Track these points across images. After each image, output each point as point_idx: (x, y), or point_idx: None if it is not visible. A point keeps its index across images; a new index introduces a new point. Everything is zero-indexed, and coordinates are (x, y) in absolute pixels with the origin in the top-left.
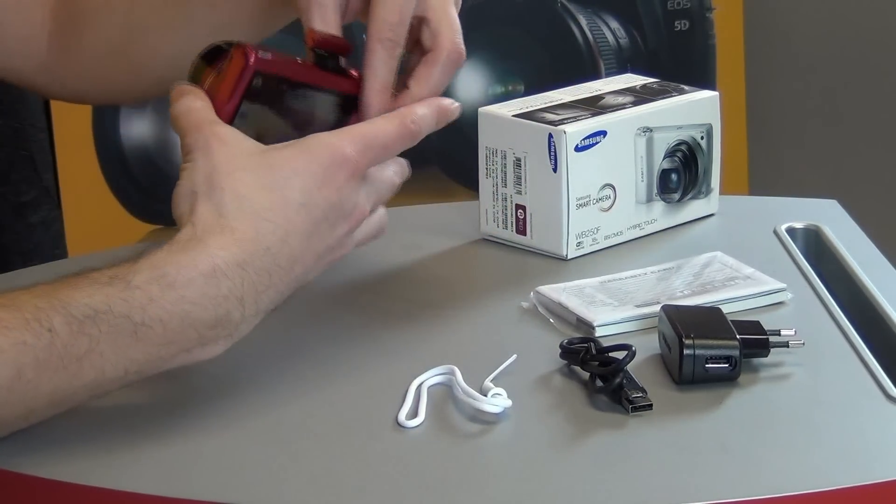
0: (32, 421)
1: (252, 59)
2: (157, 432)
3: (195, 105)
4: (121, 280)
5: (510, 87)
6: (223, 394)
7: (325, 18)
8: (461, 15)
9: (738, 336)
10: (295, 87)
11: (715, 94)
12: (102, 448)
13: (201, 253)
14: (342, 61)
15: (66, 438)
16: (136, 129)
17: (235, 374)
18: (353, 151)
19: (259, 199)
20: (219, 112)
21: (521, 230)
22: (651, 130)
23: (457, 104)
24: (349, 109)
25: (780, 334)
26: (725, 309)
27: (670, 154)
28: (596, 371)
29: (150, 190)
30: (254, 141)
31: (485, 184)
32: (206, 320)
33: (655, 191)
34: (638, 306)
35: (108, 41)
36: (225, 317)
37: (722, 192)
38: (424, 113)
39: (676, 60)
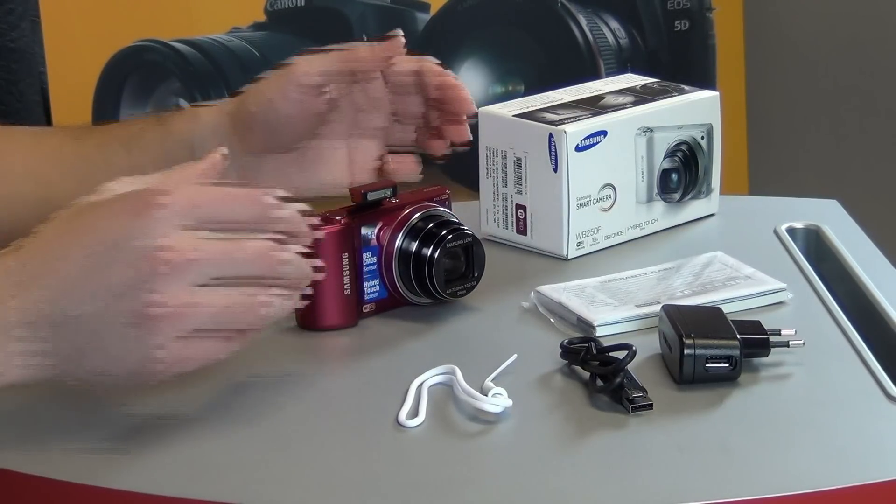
0: None
1: None
2: (157, 432)
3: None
4: None
5: (510, 87)
6: (223, 394)
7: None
8: (463, 14)
9: (738, 336)
10: None
11: (715, 94)
12: (103, 448)
13: None
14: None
15: (67, 438)
16: None
17: (235, 374)
18: (162, 190)
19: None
20: None
21: (522, 230)
22: (651, 130)
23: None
24: None
25: (780, 334)
26: (726, 309)
27: (670, 154)
28: (596, 371)
29: None
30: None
31: (485, 184)
32: None
33: (656, 191)
34: (638, 306)
35: None
36: None
37: (722, 192)
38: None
39: (676, 60)
